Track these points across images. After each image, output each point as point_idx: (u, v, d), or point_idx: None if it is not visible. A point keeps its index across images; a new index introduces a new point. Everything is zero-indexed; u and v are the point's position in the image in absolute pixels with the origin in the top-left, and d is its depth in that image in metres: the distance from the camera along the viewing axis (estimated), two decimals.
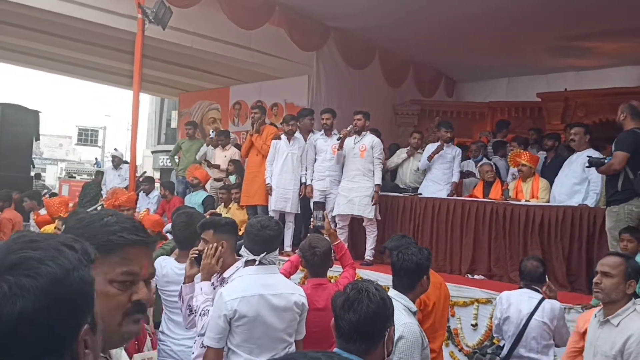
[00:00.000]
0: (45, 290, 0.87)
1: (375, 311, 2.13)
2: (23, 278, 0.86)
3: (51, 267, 0.89)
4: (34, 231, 7.17)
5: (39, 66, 13.26)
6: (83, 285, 0.93)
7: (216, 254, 3.11)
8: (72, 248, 0.95)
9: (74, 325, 0.92)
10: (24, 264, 0.88)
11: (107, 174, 10.66)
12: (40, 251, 0.90)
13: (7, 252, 0.90)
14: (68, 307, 0.90)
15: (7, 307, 0.84)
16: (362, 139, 7.05)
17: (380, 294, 2.20)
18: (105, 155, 40.90)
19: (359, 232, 7.26)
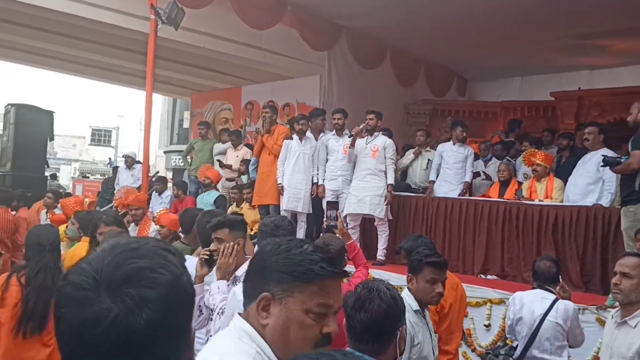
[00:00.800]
0: (165, 298, 0.87)
1: (386, 310, 2.13)
2: (143, 290, 0.86)
3: (164, 275, 0.89)
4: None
5: (53, 67, 13.38)
6: (190, 287, 0.95)
7: (233, 252, 3.11)
8: (170, 252, 0.95)
9: (188, 328, 0.94)
10: (139, 275, 0.87)
11: (120, 173, 10.73)
12: (147, 259, 0.90)
13: (114, 264, 0.89)
14: (184, 310, 0.92)
15: (135, 319, 0.84)
16: (374, 139, 7.04)
17: (391, 293, 2.20)
18: (118, 156, 41.17)
19: (370, 232, 7.25)
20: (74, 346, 0.86)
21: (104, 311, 0.84)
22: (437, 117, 11.18)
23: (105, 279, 0.86)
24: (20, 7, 8.31)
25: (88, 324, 0.83)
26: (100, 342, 0.83)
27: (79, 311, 0.85)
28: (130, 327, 0.84)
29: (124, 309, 0.84)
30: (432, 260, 3.04)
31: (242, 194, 8.16)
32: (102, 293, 0.85)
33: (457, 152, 7.60)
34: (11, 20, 9.34)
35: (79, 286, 0.86)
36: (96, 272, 0.87)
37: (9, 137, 11.62)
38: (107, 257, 0.90)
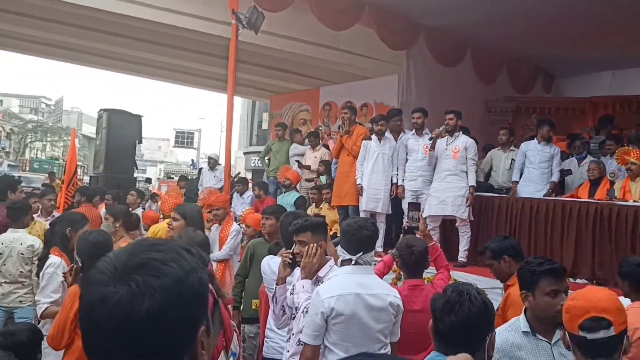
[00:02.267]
0: (169, 290, 0.91)
1: (477, 315, 2.08)
2: (149, 278, 0.90)
3: (173, 268, 0.93)
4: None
5: (140, 73, 14.06)
6: (201, 286, 0.97)
7: (317, 253, 3.15)
8: (189, 252, 0.99)
9: (194, 325, 0.96)
10: (149, 265, 0.92)
11: (203, 174, 11.10)
12: (162, 253, 0.95)
13: (133, 253, 0.95)
14: (189, 306, 0.94)
15: (137, 305, 0.88)
16: (455, 139, 6.88)
17: (482, 298, 2.14)
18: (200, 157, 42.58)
19: (451, 233, 7.09)
20: (84, 323, 0.93)
21: (110, 293, 0.89)
22: (521, 114, 10.79)
23: (121, 266, 0.93)
24: (110, 17, 8.79)
25: (96, 303, 0.90)
26: (104, 321, 0.89)
27: (93, 291, 0.92)
28: (132, 311, 0.88)
29: (128, 293, 0.89)
30: (547, 268, 2.58)
31: (322, 194, 8.21)
32: (115, 278, 0.91)
33: (542, 151, 7.30)
34: (103, 29, 9.90)
35: (100, 270, 0.93)
36: (117, 261, 0.94)
37: (101, 140, 12.28)
38: (130, 249, 0.97)
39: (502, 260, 3.73)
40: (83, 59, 13.01)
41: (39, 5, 8.94)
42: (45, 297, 3.80)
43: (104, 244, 3.45)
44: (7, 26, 10.58)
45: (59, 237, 4.04)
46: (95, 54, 12.10)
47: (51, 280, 3.82)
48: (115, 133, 11.96)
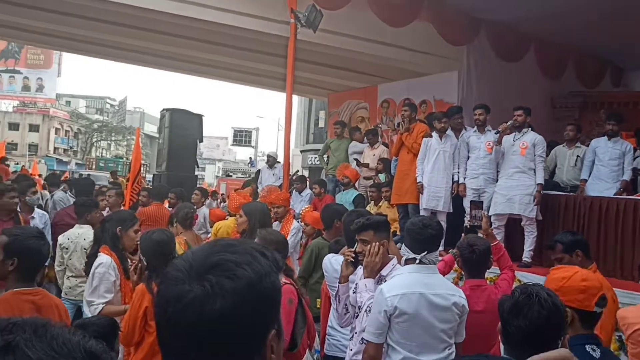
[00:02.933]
0: (242, 292, 0.92)
1: (547, 318, 2.01)
2: (223, 279, 0.92)
3: (247, 271, 0.94)
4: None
5: (200, 73, 14.38)
6: (273, 291, 0.98)
7: (379, 251, 3.14)
8: (264, 255, 1.00)
9: (264, 330, 0.96)
10: (223, 265, 0.93)
11: (262, 172, 11.24)
12: (237, 255, 0.96)
13: (208, 253, 0.96)
14: (260, 310, 0.94)
15: (209, 305, 0.90)
16: (522, 135, 6.70)
17: (552, 300, 2.07)
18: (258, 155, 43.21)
19: (515, 232, 6.91)
20: (159, 318, 0.95)
21: (185, 291, 0.91)
22: (588, 110, 10.40)
23: (197, 265, 0.94)
24: (172, 19, 9.03)
25: (172, 301, 0.92)
26: (178, 318, 0.91)
27: (169, 288, 0.94)
28: (204, 310, 0.89)
29: (202, 293, 0.90)
30: None
31: (381, 192, 8.17)
32: (191, 276, 0.93)
33: (612, 148, 7.01)
34: (165, 31, 10.16)
35: (177, 268, 0.95)
36: (193, 259, 0.96)
37: (164, 139, 12.61)
38: (207, 249, 0.98)
39: (575, 255, 3.59)
40: (145, 60, 13.42)
41: (103, 9, 9.27)
42: (99, 298, 3.78)
43: (167, 242, 3.52)
44: (73, 30, 11.02)
45: (109, 235, 4.01)
46: (157, 55, 12.45)
47: (103, 280, 3.80)
48: (177, 132, 12.25)
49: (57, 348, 0.73)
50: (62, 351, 0.73)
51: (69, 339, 0.75)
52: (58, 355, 0.72)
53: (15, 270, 2.67)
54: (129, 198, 7.85)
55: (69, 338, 0.75)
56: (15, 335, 0.72)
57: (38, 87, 55.33)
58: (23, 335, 0.73)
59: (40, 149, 52.03)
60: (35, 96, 55.62)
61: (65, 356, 0.72)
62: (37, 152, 50.16)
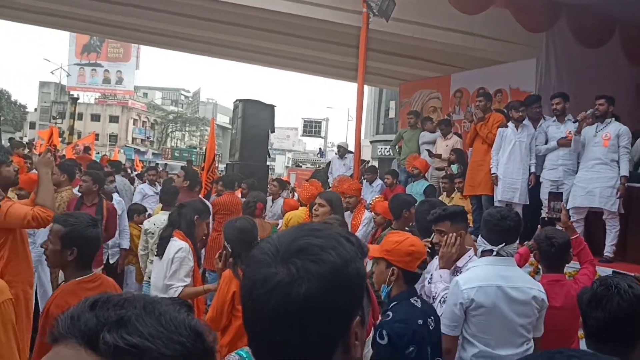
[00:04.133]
0: (327, 277, 0.92)
1: (627, 309, 1.93)
2: (309, 263, 0.92)
3: (332, 256, 0.94)
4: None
5: (271, 64, 14.61)
6: (358, 277, 0.97)
7: (456, 242, 3.11)
8: (349, 240, 0.99)
9: (349, 316, 0.95)
10: (309, 250, 0.94)
11: (333, 163, 11.30)
12: (322, 239, 0.96)
13: (294, 237, 0.97)
14: (345, 296, 0.94)
15: (295, 289, 0.90)
16: (605, 126, 6.38)
17: (634, 291, 1.98)
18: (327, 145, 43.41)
19: (596, 226, 6.62)
20: (245, 300, 0.96)
21: (271, 274, 0.92)
22: None
23: (283, 248, 0.95)
24: (244, 10, 9.22)
25: (259, 283, 0.93)
26: (264, 301, 0.92)
27: (256, 271, 0.95)
28: (290, 294, 0.90)
29: (288, 276, 0.91)
30: None
31: (453, 183, 8.04)
32: (277, 260, 0.93)
33: None
34: (237, 23, 10.39)
35: (263, 251, 0.96)
36: (279, 243, 0.96)
37: (237, 130, 12.87)
38: (292, 233, 0.99)
39: None
40: (218, 52, 13.77)
41: (178, 3, 9.58)
42: (179, 281, 3.87)
43: (250, 230, 3.61)
44: (151, 23, 11.47)
45: (186, 221, 4.09)
46: (229, 47, 12.75)
47: (183, 265, 3.88)
48: (249, 123, 12.44)
49: (165, 324, 0.75)
50: (169, 327, 0.75)
51: (176, 317, 0.77)
52: (166, 331, 0.74)
53: (74, 260, 2.69)
54: (203, 187, 8.08)
55: (175, 315, 0.77)
56: (127, 310, 0.75)
57: (117, 79, 57.91)
58: (134, 310, 0.75)
59: (119, 139, 54.52)
60: (115, 88, 58.26)
61: (172, 332, 0.75)
62: (116, 142, 52.58)
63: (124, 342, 0.71)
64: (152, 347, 0.72)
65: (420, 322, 2.56)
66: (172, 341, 0.74)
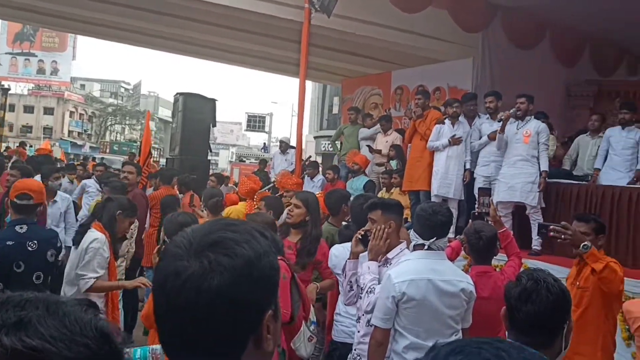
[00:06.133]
0: (240, 270, 0.93)
1: (554, 303, 2.03)
2: (221, 256, 0.93)
3: (246, 250, 0.95)
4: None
5: (214, 57, 14.42)
6: (272, 270, 0.98)
7: (384, 235, 3.17)
8: (263, 235, 1.01)
9: (261, 309, 0.96)
10: (222, 243, 0.95)
11: (275, 158, 11.28)
12: (237, 234, 0.97)
13: (209, 231, 0.98)
14: (258, 289, 0.95)
15: (207, 282, 0.91)
16: (525, 123, 6.66)
17: (559, 285, 2.10)
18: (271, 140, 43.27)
19: (523, 220, 6.89)
20: (157, 294, 0.97)
21: (184, 267, 0.92)
22: (603, 98, 10.26)
23: (196, 242, 0.95)
24: (186, 2, 9.05)
25: (170, 277, 0.93)
26: (176, 294, 0.92)
27: (168, 264, 0.95)
28: (202, 286, 0.90)
29: (200, 269, 0.91)
30: None
31: (392, 179, 8.18)
32: (190, 253, 0.94)
33: (626, 138, 6.95)
34: (177, 14, 10.20)
35: (177, 245, 0.97)
36: (193, 236, 0.97)
37: (177, 123, 12.67)
38: (207, 227, 0.99)
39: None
40: (159, 44, 13.48)
41: None
42: (91, 272, 3.80)
43: (191, 225, 3.57)
44: (88, 13, 11.09)
45: (109, 215, 4.04)
46: (171, 39, 12.49)
47: (97, 256, 3.82)
48: (190, 116, 12.26)
49: (69, 325, 0.73)
50: (73, 328, 0.73)
51: (81, 317, 0.75)
52: (70, 333, 0.73)
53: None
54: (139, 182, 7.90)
55: (81, 316, 0.76)
56: (28, 311, 0.73)
57: (53, 70, 55.65)
58: (36, 311, 0.73)
59: (54, 132, 52.49)
60: (50, 79, 56.00)
61: (76, 334, 0.73)
62: (51, 135, 50.60)
63: (22, 344, 0.69)
64: (53, 350, 0.70)
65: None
66: (75, 343, 0.72)
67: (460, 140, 7.03)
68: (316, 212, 4.19)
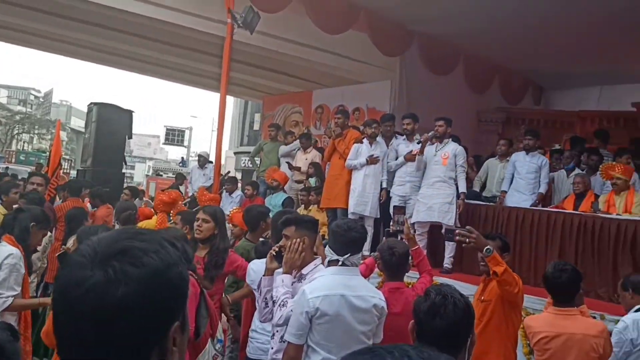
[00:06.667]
0: (147, 280, 0.90)
1: (461, 317, 2.11)
2: (127, 265, 0.90)
3: (154, 259, 0.92)
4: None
5: (132, 68, 13.97)
6: (180, 281, 0.96)
7: (299, 248, 3.18)
8: (173, 245, 0.98)
9: (167, 320, 0.94)
10: (129, 252, 0.92)
11: (192, 172, 11.08)
12: (145, 243, 0.94)
13: (116, 239, 0.94)
14: (165, 300, 0.92)
15: (111, 292, 0.88)
16: (444, 146, 6.95)
17: (465, 300, 2.18)
18: (190, 155, 42.44)
19: (438, 239, 7.14)
20: (58, 304, 0.93)
21: (87, 277, 0.89)
22: (511, 125, 10.90)
23: (102, 251, 0.92)
24: (102, 9, 8.72)
25: (72, 285, 0.90)
26: (77, 304, 0.88)
27: (70, 273, 0.91)
28: (106, 296, 0.87)
29: (104, 278, 0.88)
30: None
31: (310, 196, 8.24)
32: (94, 262, 0.90)
33: (530, 162, 7.40)
34: (94, 22, 9.81)
35: (81, 254, 0.93)
36: (99, 245, 0.94)
37: (90, 134, 12.16)
38: (114, 235, 0.96)
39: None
40: (74, 51, 12.89)
41: None
42: (8, 290, 3.57)
43: None
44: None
45: (21, 228, 3.84)
46: (87, 47, 11.98)
47: (13, 272, 3.61)
48: (104, 127, 11.81)
49: None
50: None
51: None
52: None
53: None
54: (46, 193, 7.56)
55: None
56: None
57: None
58: None
59: None
60: None
61: None
62: None
63: None
64: None
65: None
66: None
67: (377, 160, 7.20)
68: (223, 225, 4.17)
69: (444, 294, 2.17)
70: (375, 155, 7.22)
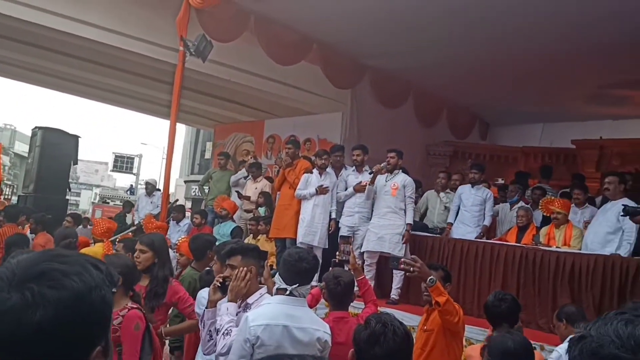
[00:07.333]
0: (66, 304, 0.87)
1: (400, 345, 2.12)
2: (46, 288, 0.87)
3: (75, 282, 0.89)
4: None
5: (80, 93, 13.65)
6: (103, 305, 0.94)
7: (246, 277, 3.15)
8: (97, 268, 0.96)
9: (88, 345, 0.91)
10: (49, 275, 0.89)
11: (140, 200, 10.85)
12: (66, 265, 0.91)
13: (35, 262, 0.91)
14: (86, 324, 0.90)
15: (28, 316, 0.85)
16: (394, 177, 7.07)
17: (404, 328, 2.20)
18: (139, 183, 41.62)
19: (385, 270, 7.19)
20: None
21: (3, 300, 0.86)
22: (458, 159, 11.21)
23: (20, 273, 0.89)
24: (50, 33, 8.50)
25: None
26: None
27: None
28: (22, 321, 0.85)
29: (22, 302, 0.85)
30: None
31: (259, 225, 8.18)
32: (12, 285, 0.87)
33: (475, 195, 7.58)
34: (41, 45, 9.57)
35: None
36: (17, 267, 0.90)
37: (34, 159, 11.80)
38: (35, 257, 0.93)
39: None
40: (20, 74, 12.50)
41: None
42: None
43: None
44: None
45: None
46: (35, 71, 11.67)
47: None
48: (49, 152, 11.49)
49: None
50: None
51: None
52: None
53: None
54: None
55: None
56: None
57: None
58: None
59: None
60: None
61: None
62: None
63: None
64: None
65: None
66: None
67: (327, 190, 7.25)
68: (164, 253, 4.09)
69: (384, 322, 2.18)
70: (325, 186, 7.27)
